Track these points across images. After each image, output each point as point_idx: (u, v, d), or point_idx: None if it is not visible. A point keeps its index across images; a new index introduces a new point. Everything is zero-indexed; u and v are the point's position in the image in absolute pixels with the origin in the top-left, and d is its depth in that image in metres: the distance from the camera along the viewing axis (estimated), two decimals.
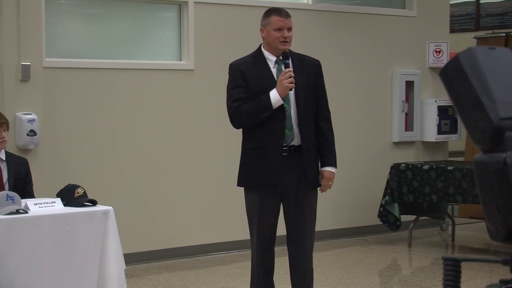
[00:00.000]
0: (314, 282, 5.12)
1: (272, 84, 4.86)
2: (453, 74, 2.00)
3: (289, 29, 4.94)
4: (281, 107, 4.85)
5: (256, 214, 4.96)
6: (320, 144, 5.04)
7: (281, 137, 4.86)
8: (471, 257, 2.12)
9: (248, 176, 4.97)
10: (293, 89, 4.85)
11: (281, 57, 4.95)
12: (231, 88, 4.98)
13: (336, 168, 5.09)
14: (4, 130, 5.67)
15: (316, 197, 5.07)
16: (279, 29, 4.91)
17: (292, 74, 4.83)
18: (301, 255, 5.00)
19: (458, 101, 1.99)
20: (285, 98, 4.85)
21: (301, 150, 4.91)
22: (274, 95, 4.82)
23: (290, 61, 4.94)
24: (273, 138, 4.86)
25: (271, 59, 4.97)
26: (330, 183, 5.04)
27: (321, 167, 5.05)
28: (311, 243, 5.04)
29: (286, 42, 4.92)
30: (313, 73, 5.01)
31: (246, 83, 4.92)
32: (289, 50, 4.99)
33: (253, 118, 4.88)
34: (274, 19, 4.93)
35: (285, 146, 4.87)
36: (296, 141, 4.90)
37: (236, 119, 4.95)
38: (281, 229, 5.03)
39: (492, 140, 1.88)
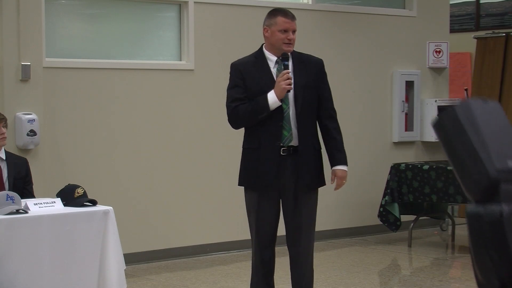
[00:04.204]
0: (314, 282, 5.12)
1: (271, 84, 4.83)
2: (449, 126, 2.03)
3: (294, 31, 4.92)
4: (279, 108, 4.83)
5: (254, 213, 4.96)
6: (328, 144, 5.05)
7: (278, 138, 4.84)
8: None
9: (247, 176, 4.97)
10: (291, 90, 4.83)
11: (280, 58, 4.92)
12: (230, 87, 4.98)
13: (347, 166, 5.08)
14: (3, 126, 5.67)
15: (315, 198, 5.05)
16: (285, 31, 4.87)
17: (290, 76, 4.81)
18: (300, 255, 4.99)
19: (453, 152, 2.00)
20: (284, 98, 4.83)
21: (298, 151, 4.89)
22: (272, 97, 4.79)
23: (289, 63, 4.91)
24: (270, 139, 4.84)
25: (271, 59, 4.93)
26: (344, 181, 5.05)
27: (331, 166, 5.05)
28: (310, 244, 5.02)
29: (290, 44, 4.89)
30: (313, 72, 4.96)
31: (244, 83, 4.90)
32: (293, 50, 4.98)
33: (251, 119, 4.86)
34: (280, 20, 4.89)
35: (283, 147, 4.86)
36: (294, 142, 4.88)
37: (233, 120, 4.95)
38: (282, 229, 5.03)
39: (486, 191, 1.89)
